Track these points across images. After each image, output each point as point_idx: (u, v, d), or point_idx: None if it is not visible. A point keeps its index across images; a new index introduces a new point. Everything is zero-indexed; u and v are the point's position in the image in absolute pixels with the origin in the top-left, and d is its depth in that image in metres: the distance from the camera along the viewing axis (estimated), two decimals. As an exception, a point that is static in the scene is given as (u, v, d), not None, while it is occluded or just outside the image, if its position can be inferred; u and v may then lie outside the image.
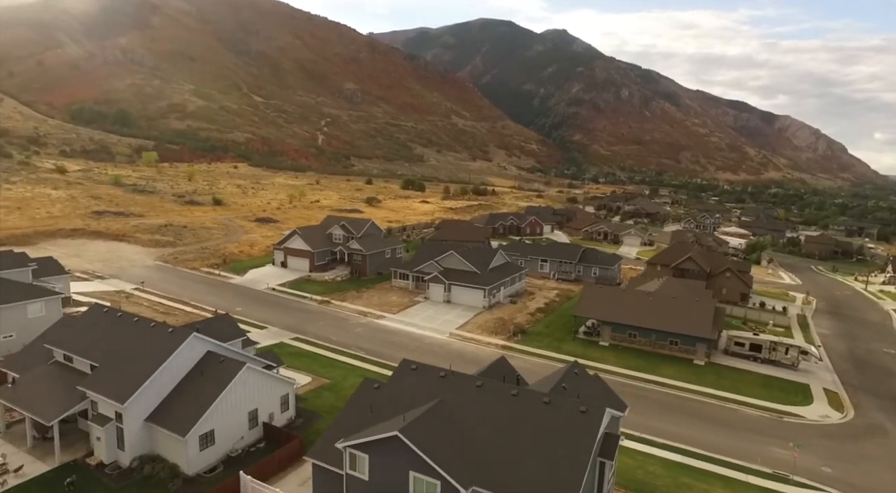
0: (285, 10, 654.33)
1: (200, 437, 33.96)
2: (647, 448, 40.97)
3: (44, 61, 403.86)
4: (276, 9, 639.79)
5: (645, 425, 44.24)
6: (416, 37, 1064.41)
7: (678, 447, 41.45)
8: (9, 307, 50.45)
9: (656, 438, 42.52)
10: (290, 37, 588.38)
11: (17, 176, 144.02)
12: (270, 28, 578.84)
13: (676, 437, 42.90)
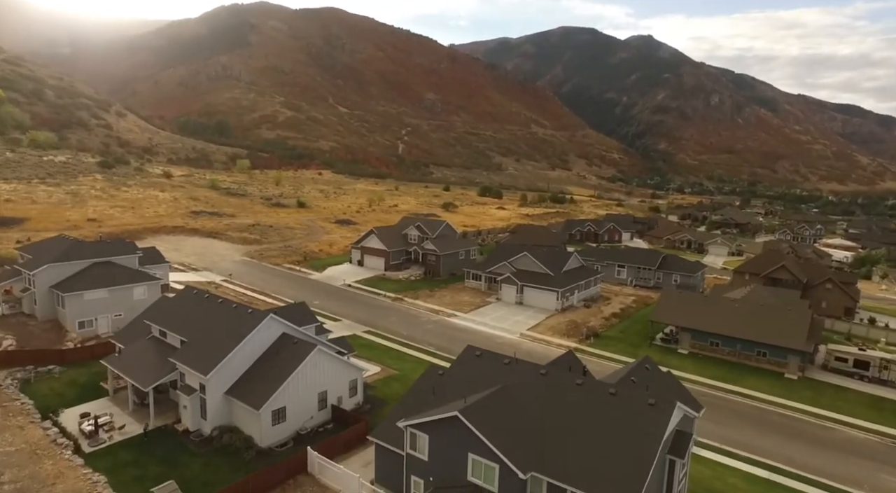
0: (370, 25, 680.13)
1: (273, 412, 35.61)
2: (728, 460, 38.22)
3: (159, 80, 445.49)
4: (362, 24, 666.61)
5: (725, 436, 41.37)
6: (496, 47, 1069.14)
7: (764, 462, 38.30)
8: (119, 289, 55.76)
9: (738, 450, 39.58)
10: (374, 49, 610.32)
11: (132, 180, 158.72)
12: (355, 42, 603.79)
13: (762, 452, 39.70)
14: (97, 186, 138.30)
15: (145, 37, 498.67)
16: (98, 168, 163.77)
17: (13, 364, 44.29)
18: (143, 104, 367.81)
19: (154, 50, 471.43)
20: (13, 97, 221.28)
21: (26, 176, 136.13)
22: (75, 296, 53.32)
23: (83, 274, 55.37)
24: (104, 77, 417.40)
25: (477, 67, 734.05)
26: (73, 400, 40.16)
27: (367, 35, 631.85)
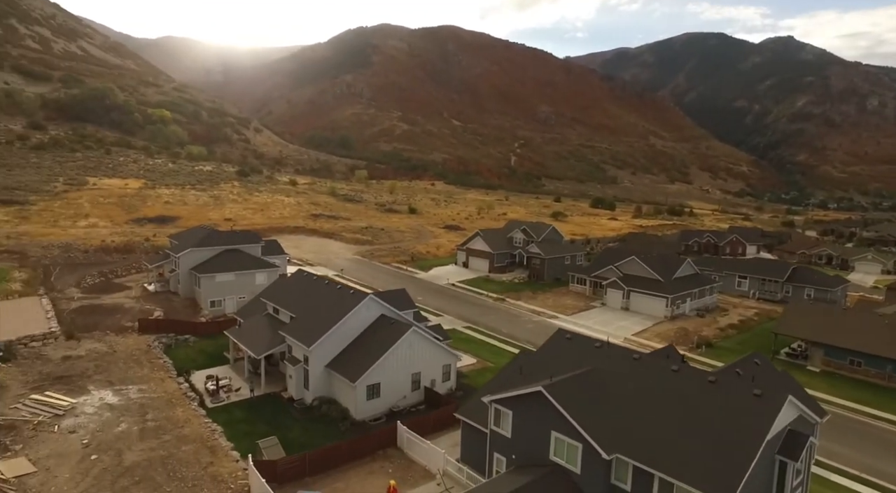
0: (485, 41, 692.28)
1: (368, 387, 37.29)
2: (868, 491, 33.36)
3: (291, 100, 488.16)
4: (477, 40, 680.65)
5: (868, 465, 36.22)
6: (613, 57, 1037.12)
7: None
8: (244, 274, 61.74)
9: (883, 482, 34.38)
10: (489, 64, 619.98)
11: (263, 187, 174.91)
12: (470, 58, 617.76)
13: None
14: (234, 192, 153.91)
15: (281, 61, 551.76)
16: (236, 176, 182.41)
17: (160, 331, 50.71)
18: (277, 121, 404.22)
19: (288, 73, 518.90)
20: (177, 118, 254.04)
21: (181, 183, 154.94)
22: (208, 277, 59.86)
23: (216, 259, 62.04)
24: (247, 98, 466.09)
25: (592, 79, 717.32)
26: (202, 365, 45.03)
27: (481, 51, 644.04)
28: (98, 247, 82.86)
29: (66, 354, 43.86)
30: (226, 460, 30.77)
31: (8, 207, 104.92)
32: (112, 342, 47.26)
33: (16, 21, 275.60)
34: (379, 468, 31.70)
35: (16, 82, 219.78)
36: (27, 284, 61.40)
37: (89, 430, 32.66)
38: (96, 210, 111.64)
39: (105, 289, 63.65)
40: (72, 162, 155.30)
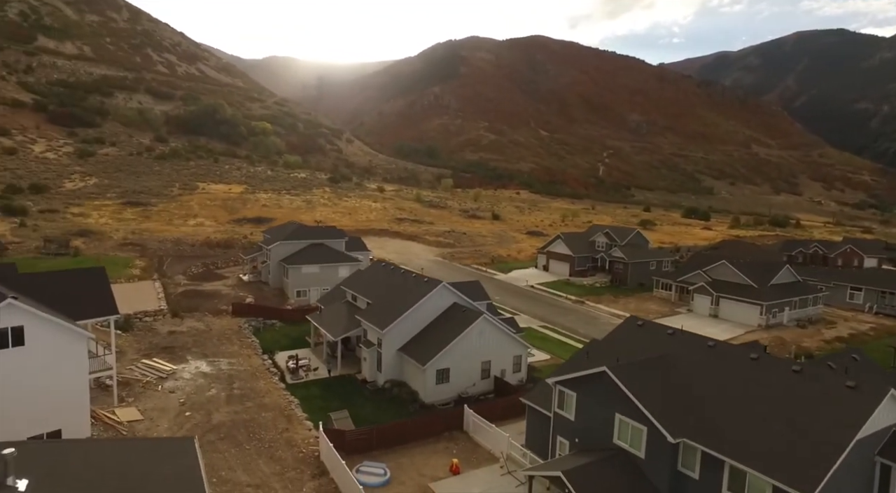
0: (574, 50, 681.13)
1: (437, 371, 37.94)
2: None
3: (382, 112, 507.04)
4: (565, 49, 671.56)
5: None
6: (712, 62, 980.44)
7: None
8: (328, 266, 64.99)
9: None
10: (577, 73, 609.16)
11: (352, 192, 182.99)
12: (558, 67, 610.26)
13: None
14: (325, 196, 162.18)
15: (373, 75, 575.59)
16: (327, 183, 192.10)
17: (250, 315, 54.62)
18: (368, 132, 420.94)
19: (380, 86, 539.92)
20: (277, 130, 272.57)
21: (278, 188, 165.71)
22: (295, 268, 63.65)
23: (303, 252, 65.85)
24: (340, 111, 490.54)
25: (688, 85, 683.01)
26: (285, 346, 47.92)
27: (570, 60, 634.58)
28: (203, 242, 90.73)
29: (171, 329, 48.54)
30: (300, 427, 32.64)
31: (135, 208, 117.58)
32: (209, 322, 51.62)
33: (151, 50, 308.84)
34: (443, 448, 32.15)
35: (147, 102, 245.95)
36: (144, 270, 68.54)
37: (185, 392, 36.02)
38: (203, 211, 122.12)
39: (206, 277, 69.58)
40: (186, 170, 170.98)
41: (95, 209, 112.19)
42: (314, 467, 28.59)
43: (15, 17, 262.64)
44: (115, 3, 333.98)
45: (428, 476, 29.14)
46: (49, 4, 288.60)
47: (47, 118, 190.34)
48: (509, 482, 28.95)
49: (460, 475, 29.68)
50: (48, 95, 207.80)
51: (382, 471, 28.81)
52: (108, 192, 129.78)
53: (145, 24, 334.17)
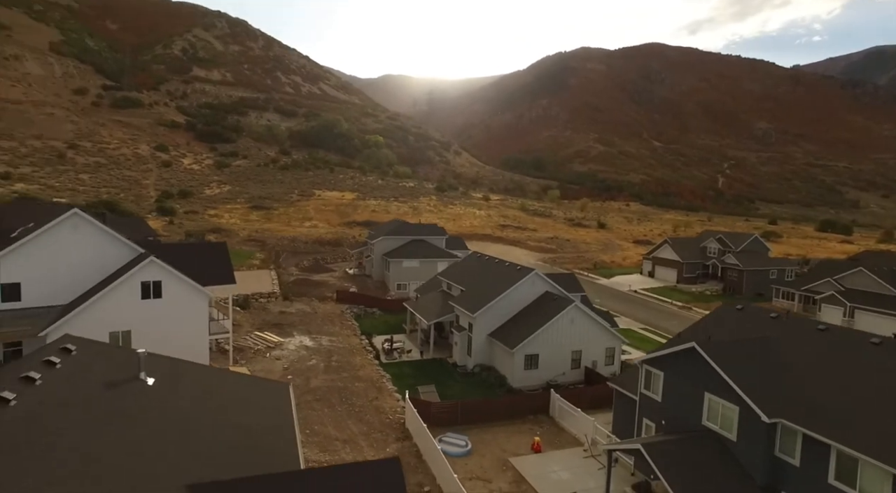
0: (692, 56, 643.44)
1: (526, 356, 37.85)
2: None
3: (490, 125, 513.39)
4: (683, 56, 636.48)
5: None
6: (861, 60, 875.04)
7: None
8: (427, 261, 67.16)
9: None
10: (696, 80, 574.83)
11: (457, 201, 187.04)
12: (675, 75, 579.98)
13: None
14: (431, 204, 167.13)
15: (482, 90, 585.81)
16: (434, 191, 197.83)
17: (352, 302, 57.99)
18: (475, 145, 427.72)
19: (488, 100, 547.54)
20: (388, 143, 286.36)
21: (386, 196, 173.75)
22: (397, 262, 66.49)
23: (404, 247, 68.66)
24: (449, 125, 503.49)
25: (829, 87, 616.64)
26: (382, 332, 50.16)
27: (688, 67, 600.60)
28: (315, 240, 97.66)
29: (282, 309, 52.95)
30: (389, 398, 34.18)
31: (259, 211, 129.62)
32: (315, 306, 55.59)
33: (280, 73, 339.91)
34: (528, 429, 31.97)
35: (274, 119, 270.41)
36: (263, 261, 75.36)
37: (289, 360, 39.25)
38: (318, 215, 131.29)
39: (315, 269, 74.85)
40: (305, 179, 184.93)
41: (227, 211, 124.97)
42: (399, 431, 29.83)
43: (178, 52, 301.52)
44: (253, 34, 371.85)
45: (509, 452, 29.21)
46: (203, 40, 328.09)
47: (195, 136, 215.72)
48: (592, 464, 28.20)
49: (542, 453, 29.43)
50: (197, 116, 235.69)
51: (464, 443, 29.34)
52: (238, 197, 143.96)
53: (276, 51, 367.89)
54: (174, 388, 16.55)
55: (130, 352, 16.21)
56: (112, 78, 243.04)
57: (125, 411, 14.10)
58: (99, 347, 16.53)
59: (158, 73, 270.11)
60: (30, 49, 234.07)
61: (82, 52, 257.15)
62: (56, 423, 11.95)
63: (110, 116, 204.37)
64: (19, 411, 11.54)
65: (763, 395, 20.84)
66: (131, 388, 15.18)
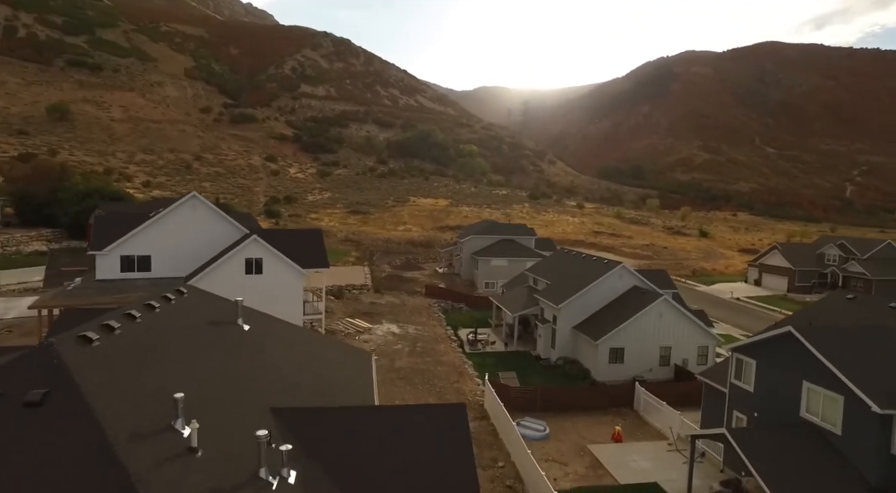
0: (815, 52, 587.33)
1: (611, 350, 36.83)
2: None
3: (586, 134, 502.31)
4: (804, 53, 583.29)
5: None
6: None
7: None
8: (515, 260, 67.09)
9: None
10: (820, 79, 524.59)
11: (550, 208, 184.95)
12: (794, 74, 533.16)
13: None
14: (523, 211, 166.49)
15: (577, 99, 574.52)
16: (527, 199, 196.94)
17: (440, 298, 59.43)
18: (571, 154, 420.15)
19: (585, 108, 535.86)
20: (482, 152, 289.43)
21: (479, 203, 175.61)
22: (485, 261, 67.12)
23: (493, 246, 69.16)
24: (544, 134, 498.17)
25: None
26: (468, 325, 50.84)
27: (810, 64, 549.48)
28: (407, 241, 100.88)
29: (372, 301, 55.43)
30: (469, 381, 34.77)
31: (356, 215, 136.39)
32: (404, 299, 57.59)
33: (379, 87, 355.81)
34: (609, 421, 31.09)
35: (373, 131, 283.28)
36: (357, 259, 79.29)
37: (377, 344, 41.11)
38: (412, 219, 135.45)
39: (407, 267, 77.38)
40: (400, 186, 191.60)
41: (327, 215, 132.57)
42: (477, 411, 30.23)
43: (288, 71, 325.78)
44: (355, 51, 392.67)
45: (587, 440, 28.63)
46: (310, 58, 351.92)
47: (301, 147, 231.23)
48: (676, 458, 26.88)
49: (622, 443, 28.53)
50: (303, 129, 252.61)
51: (542, 427, 29.16)
52: (338, 203, 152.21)
53: (376, 66, 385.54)
54: (266, 335, 18.23)
55: (231, 302, 18.13)
56: (232, 97, 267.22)
57: (223, 345, 15.84)
58: (206, 295, 18.65)
59: (271, 91, 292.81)
60: (169, 75, 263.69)
61: (209, 76, 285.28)
62: (168, 340, 13.80)
63: (229, 130, 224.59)
64: (142, 326, 13.50)
65: (874, 384, 18.95)
66: (229, 329, 16.97)
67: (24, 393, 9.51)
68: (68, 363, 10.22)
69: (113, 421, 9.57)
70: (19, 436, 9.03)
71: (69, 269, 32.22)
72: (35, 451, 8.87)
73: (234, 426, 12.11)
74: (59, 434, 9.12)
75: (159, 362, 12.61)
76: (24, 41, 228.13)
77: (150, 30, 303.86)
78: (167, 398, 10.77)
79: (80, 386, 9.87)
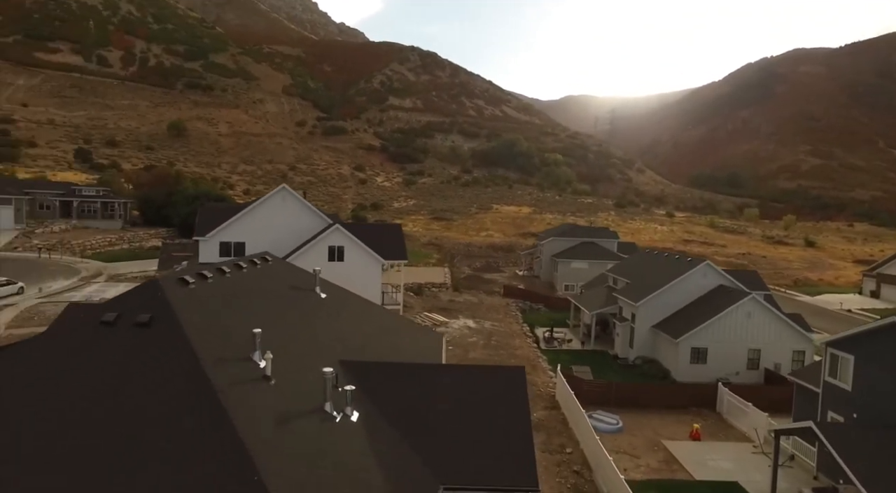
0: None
1: (692, 349, 35.22)
2: None
3: (679, 141, 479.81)
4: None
5: None
6: None
7: None
8: (596, 263, 65.63)
9: None
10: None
11: (637, 217, 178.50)
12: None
13: None
14: (609, 219, 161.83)
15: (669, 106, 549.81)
16: (612, 207, 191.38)
17: (518, 298, 59.58)
18: (663, 163, 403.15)
19: (677, 115, 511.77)
20: (567, 161, 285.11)
21: (563, 211, 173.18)
22: (565, 263, 66.29)
23: (574, 249, 68.21)
24: (633, 143, 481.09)
25: None
26: (544, 325, 50.49)
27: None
28: (488, 245, 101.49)
29: (451, 298, 56.52)
30: (542, 374, 34.67)
31: (440, 222, 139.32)
32: (482, 298, 58.22)
33: (464, 98, 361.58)
34: (688, 420, 29.60)
35: (458, 141, 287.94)
36: (438, 261, 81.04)
37: (453, 336, 41.91)
38: (494, 226, 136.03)
39: (486, 269, 78.04)
40: (484, 194, 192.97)
41: (411, 221, 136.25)
42: (548, 401, 30.13)
43: (377, 85, 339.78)
44: (441, 64, 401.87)
45: (663, 436, 27.61)
46: (398, 72, 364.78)
47: (388, 157, 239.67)
48: (761, 461, 25.23)
49: (700, 441, 27.22)
50: (390, 140, 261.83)
51: (615, 421, 28.48)
52: (422, 210, 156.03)
53: (462, 78, 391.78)
54: (341, 304, 19.54)
55: (309, 273, 19.62)
56: (324, 110, 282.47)
57: (300, 305, 17.25)
58: (288, 264, 20.37)
59: (360, 104, 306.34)
60: (269, 93, 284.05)
61: (305, 92, 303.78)
62: (251, 294, 15.35)
63: (321, 142, 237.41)
64: (230, 280, 15.15)
65: None
66: (307, 294, 18.41)
67: (136, 316, 11.14)
68: (169, 297, 11.80)
69: (201, 344, 10.95)
70: (132, 346, 10.71)
71: (178, 254, 36.26)
72: (142, 359, 10.45)
73: (305, 368, 13.25)
74: (160, 348, 10.65)
75: (243, 307, 14.09)
76: (154, 69, 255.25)
77: (253, 52, 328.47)
78: (247, 333, 12.08)
79: (177, 315, 11.38)
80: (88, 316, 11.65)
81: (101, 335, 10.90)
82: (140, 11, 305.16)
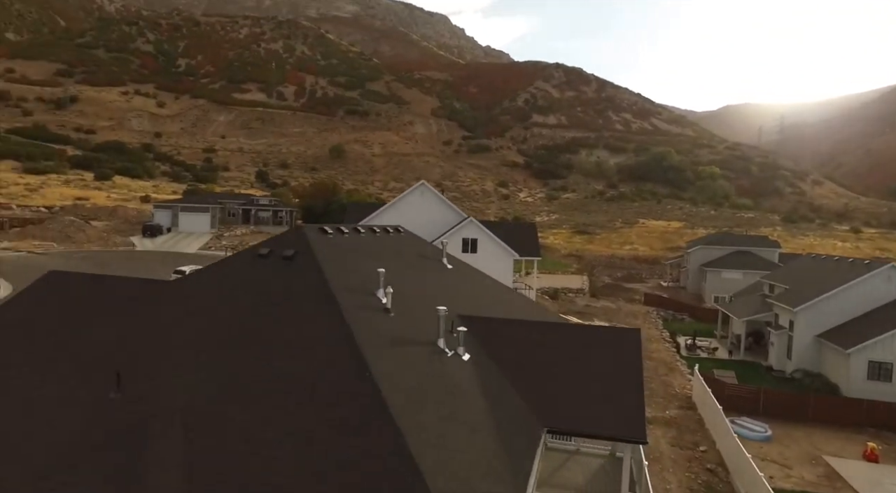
0: None
1: (870, 363, 30.59)
2: None
3: (871, 149, 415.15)
4: None
5: None
6: None
7: None
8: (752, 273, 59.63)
9: None
10: None
11: (810, 232, 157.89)
12: None
13: None
14: (774, 234, 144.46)
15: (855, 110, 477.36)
16: (779, 222, 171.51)
17: (660, 306, 56.49)
18: (849, 173, 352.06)
19: (868, 119, 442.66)
20: (725, 174, 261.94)
21: (719, 226, 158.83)
22: (714, 273, 61.08)
23: (725, 258, 62.61)
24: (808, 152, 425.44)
25: None
26: (687, 333, 47.09)
27: None
28: (632, 258, 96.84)
29: (587, 303, 55.20)
30: (679, 376, 32.66)
31: (582, 235, 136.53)
32: (620, 305, 55.99)
33: (611, 112, 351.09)
34: (861, 440, 25.78)
35: (603, 156, 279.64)
36: (578, 270, 79.43)
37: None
38: (639, 240, 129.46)
39: (627, 279, 74.64)
40: (629, 209, 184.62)
41: (553, 234, 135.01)
42: (682, 401, 28.28)
43: (521, 104, 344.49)
44: (586, 79, 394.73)
45: (824, 451, 24.35)
46: (542, 90, 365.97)
47: (531, 173, 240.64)
48: (957, 489, 21.11)
49: (877, 464, 23.50)
50: (533, 157, 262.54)
51: (763, 429, 25.83)
52: (564, 224, 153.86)
53: (608, 92, 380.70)
54: (465, 275, 20.61)
55: (438, 247, 21.01)
56: (469, 130, 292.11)
57: (427, 271, 18.63)
58: (418, 237, 21.96)
59: (505, 123, 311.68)
60: (418, 115, 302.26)
61: (451, 113, 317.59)
62: (381, 252, 17.04)
63: (466, 160, 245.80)
64: (364, 239, 17.02)
65: None
66: (434, 264, 19.76)
67: (282, 251, 13.20)
68: (310, 240, 13.74)
69: (333, 277, 12.61)
70: (276, 274, 12.74)
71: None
72: (286, 285, 12.40)
73: (423, 312, 14.39)
74: (300, 278, 12.54)
75: (372, 258, 15.73)
76: (320, 99, 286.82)
77: (405, 78, 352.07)
78: (373, 273, 13.57)
79: (315, 254, 13.22)
80: (250, 252, 14.11)
81: (258, 264, 13.11)
82: (311, 51, 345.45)
